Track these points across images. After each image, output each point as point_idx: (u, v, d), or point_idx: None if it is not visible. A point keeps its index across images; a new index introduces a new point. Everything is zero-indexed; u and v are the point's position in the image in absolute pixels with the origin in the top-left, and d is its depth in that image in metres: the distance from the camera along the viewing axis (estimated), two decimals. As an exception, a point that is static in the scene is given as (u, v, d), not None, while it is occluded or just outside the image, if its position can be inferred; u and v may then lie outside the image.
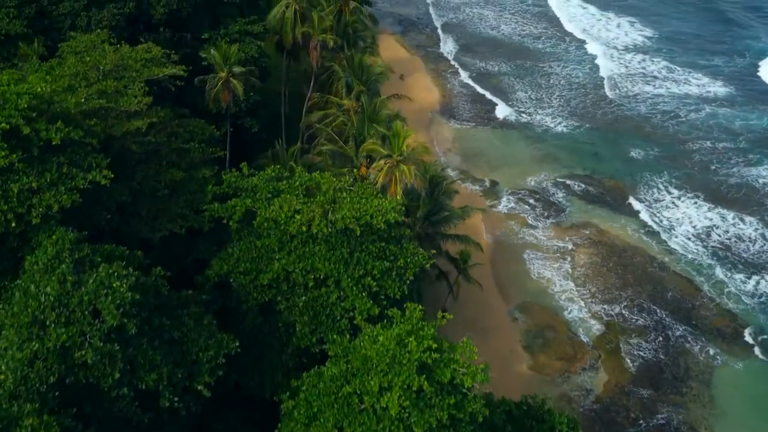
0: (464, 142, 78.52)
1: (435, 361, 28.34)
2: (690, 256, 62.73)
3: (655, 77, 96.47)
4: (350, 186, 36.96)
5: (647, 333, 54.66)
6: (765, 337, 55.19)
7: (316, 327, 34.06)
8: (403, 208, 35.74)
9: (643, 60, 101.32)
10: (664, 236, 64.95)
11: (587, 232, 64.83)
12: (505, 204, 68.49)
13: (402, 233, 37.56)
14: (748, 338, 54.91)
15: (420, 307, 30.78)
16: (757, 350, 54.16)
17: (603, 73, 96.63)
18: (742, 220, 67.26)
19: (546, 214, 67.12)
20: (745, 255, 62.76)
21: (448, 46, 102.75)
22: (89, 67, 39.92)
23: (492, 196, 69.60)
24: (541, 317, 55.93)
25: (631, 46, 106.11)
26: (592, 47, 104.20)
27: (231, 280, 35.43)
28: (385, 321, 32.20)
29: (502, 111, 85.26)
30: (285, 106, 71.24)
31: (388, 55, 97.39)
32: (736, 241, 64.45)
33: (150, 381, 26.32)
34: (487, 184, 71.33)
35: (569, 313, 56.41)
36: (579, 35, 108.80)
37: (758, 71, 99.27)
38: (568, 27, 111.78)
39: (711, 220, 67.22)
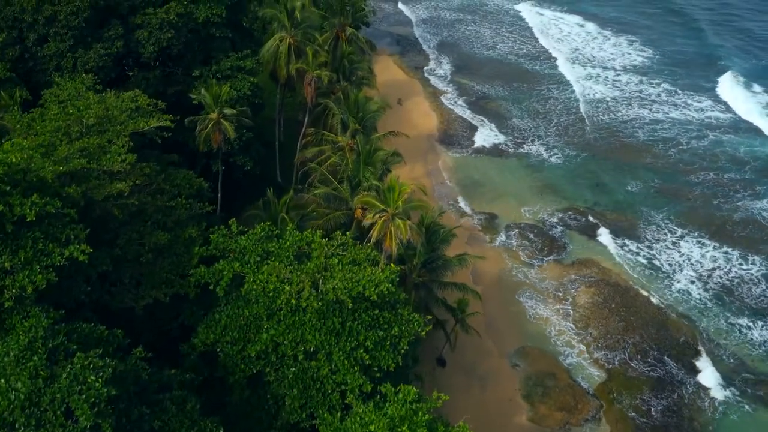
0: (462, 172, 76.92)
1: (430, 453, 27.03)
2: (693, 299, 60.78)
3: (654, 101, 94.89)
4: (343, 249, 35.48)
5: (649, 381, 52.90)
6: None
7: (306, 401, 32.62)
8: (397, 276, 34.20)
9: (641, 82, 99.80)
10: (666, 277, 62.96)
11: (588, 271, 62.99)
12: (504, 239, 66.75)
13: (397, 297, 36.09)
14: (752, 387, 53.18)
15: (414, 390, 29.37)
16: (761, 399, 52.53)
17: (599, 96, 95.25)
18: (746, 259, 65.06)
19: (546, 250, 65.21)
20: (748, 300, 60.64)
21: (445, 68, 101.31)
22: (72, 120, 38.47)
23: (491, 231, 67.94)
24: (541, 363, 54.27)
25: (630, 67, 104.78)
26: (589, 70, 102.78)
27: (218, 350, 34.03)
28: (378, 397, 30.87)
29: (498, 139, 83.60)
30: (280, 134, 69.75)
31: (385, 77, 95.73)
32: (739, 283, 62.35)
33: (127, 481, 25.00)
34: (486, 217, 69.66)
35: (569, 359, 54.71)
36: (576, 56, 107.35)
37: (717, 87, 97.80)
38: (565, 47, 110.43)
39: (715, 260, 65.04)
